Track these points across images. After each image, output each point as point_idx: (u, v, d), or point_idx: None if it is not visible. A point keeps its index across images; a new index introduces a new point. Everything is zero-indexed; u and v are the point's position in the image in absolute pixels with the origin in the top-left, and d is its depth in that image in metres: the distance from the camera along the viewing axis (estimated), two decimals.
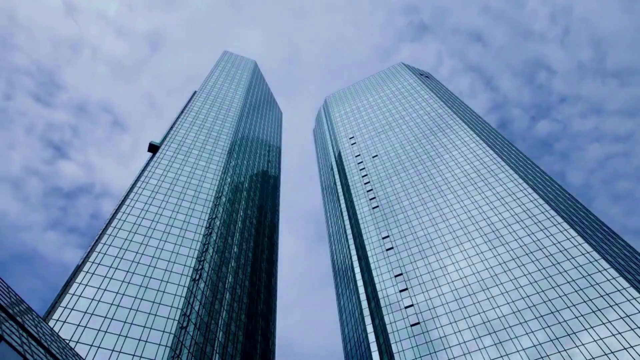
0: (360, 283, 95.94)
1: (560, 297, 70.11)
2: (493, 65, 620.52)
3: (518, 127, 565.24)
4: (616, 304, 65.04)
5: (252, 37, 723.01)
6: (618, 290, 66.67)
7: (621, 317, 63.07)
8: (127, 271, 70.97)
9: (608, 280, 68.85)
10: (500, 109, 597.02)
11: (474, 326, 72.65)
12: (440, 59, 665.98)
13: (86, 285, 65.54)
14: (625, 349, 59.16)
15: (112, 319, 62.04)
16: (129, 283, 68.96)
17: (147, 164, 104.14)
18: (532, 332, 67.39)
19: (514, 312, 71.58)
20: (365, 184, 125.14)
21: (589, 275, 71.10)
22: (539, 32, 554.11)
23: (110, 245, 74.45)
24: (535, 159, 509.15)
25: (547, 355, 63.21)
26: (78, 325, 59.07)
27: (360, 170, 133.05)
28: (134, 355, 58.42)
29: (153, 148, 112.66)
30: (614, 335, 61.50)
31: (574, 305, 67.86)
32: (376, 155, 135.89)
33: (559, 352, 62.90)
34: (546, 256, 77.86)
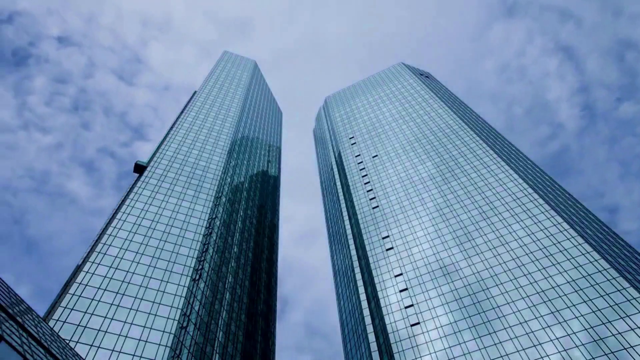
0: (360, 283, 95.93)
1: (560, 297, 70.12)
2: (583, 45, 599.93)
3: (602, 107, 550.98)
4: (616, 304, 65.05)
5: (333, 26, 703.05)
6: (618, 291, 66.68)
7: (621, 317, 63.07)
8: (127, 271, 70.97)
9: (608, 280, 68.86)
10: (586, 91, 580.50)
11: (474, 326, 72.67)
12: (530, 38, 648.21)
13: (86, 285, 65.53)
14: (625, 349, 59.17)
15: (112, 318, 62.04)
16: (129, 283, 68.96)
17: (147, 164, 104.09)
18: (532, 332, 67.38)
19: (514, 312, 71.63)
20: (365, 184, 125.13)
21: (589, 275, 71.11)
22: (633, 12, 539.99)
23: (110, 245, 74.45)
24: (618, 139, 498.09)
25: (547, 355, 63.19)
26: (78, 325, 59.07)
27: (360, 170, 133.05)
28: (134, 355, 58.42)
29: (139, 169, 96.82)
30: (613, 335, 61.50)
31: (574, 306, 67.87)
32: (376, 155, 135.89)
33: (559, 352, 62.87)
34: (546, 256, 77.87)
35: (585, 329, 63.99)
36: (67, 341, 56.12)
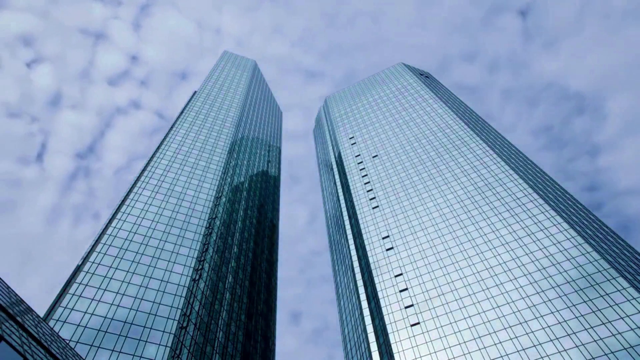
0: (360, 283, 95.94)
1: (560, 297, 70.11)
2: None
3: None
4: (616, 304, 65.05)
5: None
6: (618, 291, 66.67)
7: (621, 317, 63.06)
8: (127, 271, 70.98)
9: (608, 280, 68.86)
10: None
11: (474, 326, 72.64)
12: None
13: (86, 285, 65.55)
14: (625, 349, 59.17)
15: (112, 319, 62.05)
16: (129, 283, 68.97)
17: (147, 165, 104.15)
18: (532, 332, 67.38)
19: (514, 312, 71.57)
20: (365, 184, 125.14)
21: (589, 275, 71.09)
22: None
23: (110, 245, 74.46)
24: None
25: (547, 355, 63.22)
26: (78, 325, 59.08)
27: (360, 170, 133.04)
28: (134, 355, 58.44)
29: None
30: (613, 335, 61.50)
31: (574, 305, 67.87)
32: (376, 155, 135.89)
33: (559, 352, 62.90)
34: (546, 256, 77.85)
35: (585, 329, 63.99)
36: (67, 341, 56.12)
